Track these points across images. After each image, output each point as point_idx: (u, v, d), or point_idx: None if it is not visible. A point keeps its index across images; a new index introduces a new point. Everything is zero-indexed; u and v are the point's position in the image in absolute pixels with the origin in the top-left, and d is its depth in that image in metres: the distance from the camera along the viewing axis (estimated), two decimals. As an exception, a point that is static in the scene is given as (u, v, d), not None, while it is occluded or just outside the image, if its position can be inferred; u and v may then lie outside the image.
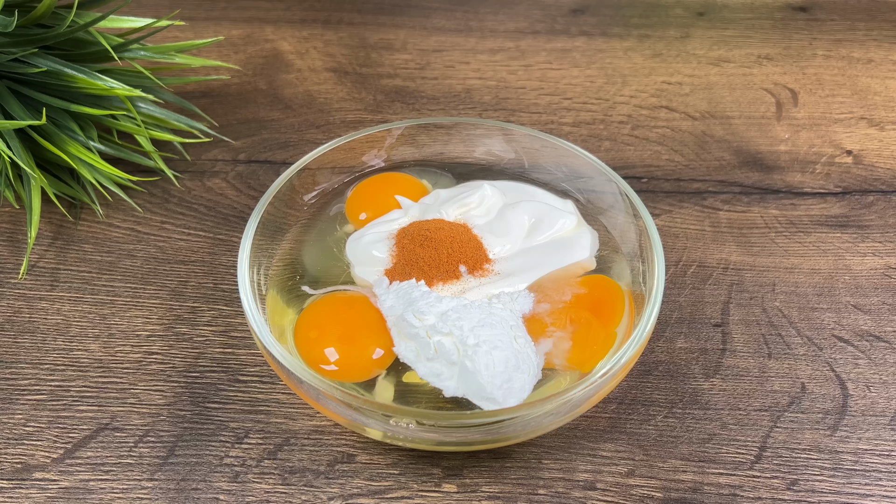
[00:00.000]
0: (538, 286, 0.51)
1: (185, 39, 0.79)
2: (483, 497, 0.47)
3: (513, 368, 0.45)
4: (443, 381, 0.46)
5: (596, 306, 0.50)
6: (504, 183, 0.59)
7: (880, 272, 0.60)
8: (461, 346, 0.46)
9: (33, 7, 0.61)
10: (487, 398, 0.45)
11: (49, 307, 0.57)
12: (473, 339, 0.45)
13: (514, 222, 0.55)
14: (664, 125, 0.72)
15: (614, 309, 0.50)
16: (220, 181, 0.67)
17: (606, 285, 0.52)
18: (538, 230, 0.55)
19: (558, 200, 0.58)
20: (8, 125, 0.56)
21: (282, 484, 0.48)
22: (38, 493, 0.48)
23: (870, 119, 0.73)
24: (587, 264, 0.53)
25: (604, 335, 0.49)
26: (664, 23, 0.85)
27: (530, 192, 0.58)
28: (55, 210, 0.64)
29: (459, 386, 0.46)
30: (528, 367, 0.46)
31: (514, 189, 0.58)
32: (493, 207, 0.56)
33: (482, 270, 0.52)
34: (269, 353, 0.46)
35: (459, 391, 0.46)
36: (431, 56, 0.80)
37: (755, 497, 0.47)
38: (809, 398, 0.52)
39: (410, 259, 0.52)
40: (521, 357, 0.46)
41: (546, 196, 0.58)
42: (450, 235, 0.53)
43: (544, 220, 0.55)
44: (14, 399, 0.52)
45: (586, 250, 0.54)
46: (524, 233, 0.55)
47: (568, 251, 0.54)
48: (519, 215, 0.55)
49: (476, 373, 0.45)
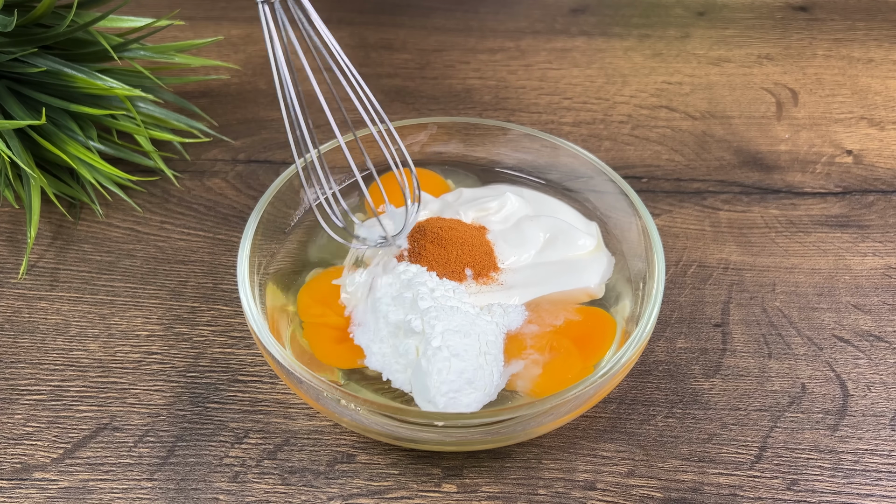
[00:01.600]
0: (535, 305, 0.51)
1: (184, 39, 0.78)
2: (483, 497, 0.47)
3: (465, 381, 0.45)
4: (394, 372, 0.47)
5: (583, 338, 0.50)
6: (532, 193, 0.58)
7: (880, 272, 0.59)
8: (423, 347, 0.46)
9: (33, 7, 0.61)
10: (429, 401, 0.45)
11: (49, 307, 0.57)
12: (439, 341, 0.45)
13: (529, 235, 0.54)
14: (664, 125, 0.72)
15: (601, 344, 0.50)
16: (220, 181, 0.67)
17: (601, 318, 0.51)
18: (552, 247, 0.54)
19: (582, 221, 0.57)
20: (8, 125, 0.56)
21: (281, 484, 0.48)
22: (38, 493, 0.48)
23: (870, 119, 0.73)
24: (594, 291, 0.53)
25: (579, 369, 0.48)
26: (664, 22, 0.85)
27: (555, 206, 0.57)
28: (55, 210, 0.64)
29: (408, 380, 0.46)
30: (482, 385, 0.46)
31: (539, 201, 0.58)
32: (511, 216, 0.56)
33: (487, 278, 0.52)
34: (268, 353, 0.46)
35: (406, 386, 0.47)
36: (431, 56, 0.80)
37: (755, 497, 0.47)
38: (809, 398, 0.52)
39: (420, 252, 0.52)
40: (480, 374, 0.46)
41: (571, 214, 0.57)
42: (462, 236, 0.53)
43: (560, 238, 0.54)
44: (14, 399, 0.52)
45: (596, 277, 0.53)
46: (537, 247, 0.54)
47: (577, 274, 0.53)
48: (535, 229, 0.54)
49: (427, 374, 0.45)
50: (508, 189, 0.57)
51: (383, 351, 0.48)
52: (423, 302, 0.47)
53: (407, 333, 0.47)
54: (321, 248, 0.56)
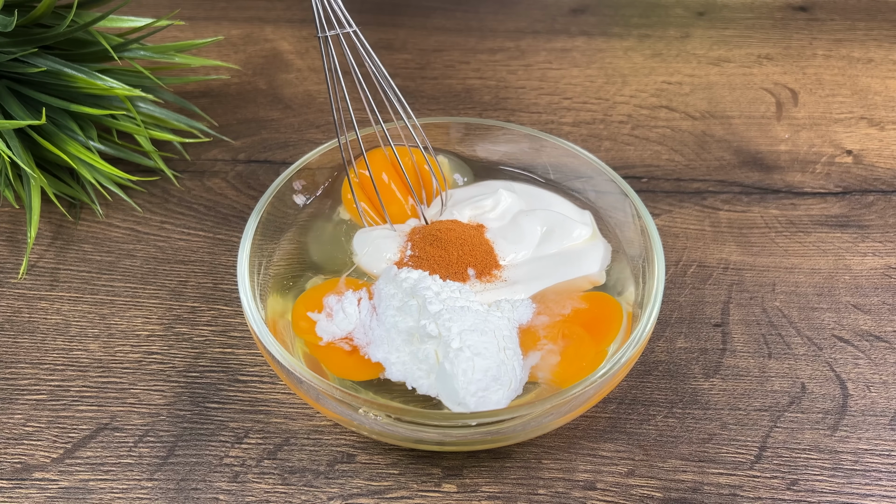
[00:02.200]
0: (541, 297, 0.51)
1: (184, 39, 0.79)
2: (483, 497, 0.47)
3: (491, 378, 0.45)
4: (417, 379, 0.46)
5: (593, 323, 0.50)
6: (522, 186, 0.58)
7: (880, 272, 0.59)
8: (443, 349, 0.45)
9: (33, 7, 0.61)
10: (460, 403, 0.45)
11: (49, 307, 0.57)
12: (458, 342, 0.45)
13: (526, 230, 0.54)
14: (664, 125, 0.72)
15: (610, 327, 0.50)
16: (220, 181, 0.67)
17: (607, 303, 0.51)
18: (549, 240, 0.54)
19: (576, 210, 0.57)
20: (8, 125, 0.56)
21: (281, 484, 0.48)
22: (38, 493, 0.48)
23: (870, 119, 0.73)
24: (596, 278, 0.53)
25: (593, 353, 0.48)
26: (664, 22, 0.85)
27: (548, 199, 0.58)
28: (55, 210, 0.64)
29: (434, 385, 0.46)
30: (508, 381, 0.45)
31: (531, 194, 0.58)
32: (507, 212, 0.56)
33: (490, 276, 0.52)
34: (268, 353, 0.46)
35: (433, 391, 0.46)
36: (431, 56, 0.80)
37: (755, 497, 0.47)
38: (809, 398, 0.52)
39: (421, 256, 0.52)
40: (504, 369, 0.45)
41: (564, 205, 0.57)
42: (461, 237, 0.53)
43: (556, 230, 0.54)
44: (14, 399, 0.52)
45: (596, 264, 0.53)
46: (536, 241, 0.54)
47: (577, 264, 0.53)
48: (532, 223, 0.54)
49: (453, 377, 0.44)
50: (500, 185, 0.58)
51: (402, 360, 0.47)
52: (432, 306, 0.46)
53: (423, 339, 0.46)
54: (322, 247, 0.56)
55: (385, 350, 0.47)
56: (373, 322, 0.49)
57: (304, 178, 0.57)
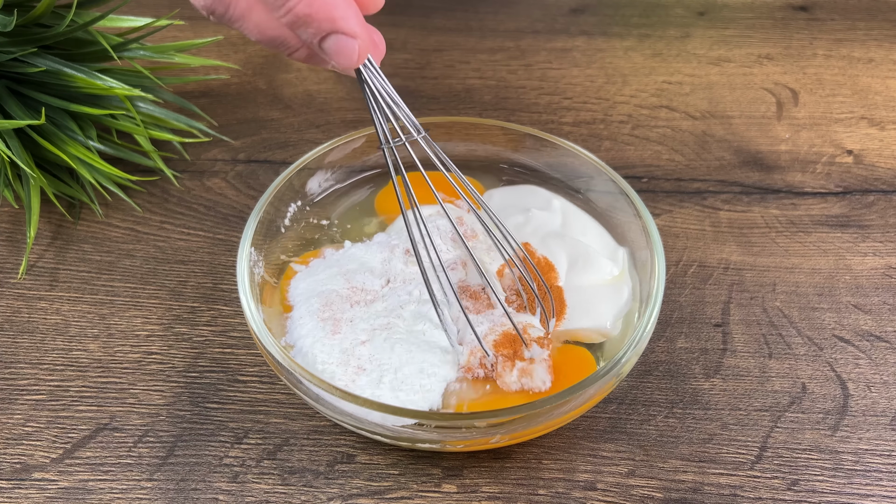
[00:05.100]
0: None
1: (184, 39, 0.79)
2: (483, 497, 0.47)
3: (418, 374, 0.47)
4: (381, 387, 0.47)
5: (556, 368, 0.49)
6: (567, 205, 0.58)
7: (881, 272, 0.59)
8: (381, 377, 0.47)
9: (32, 6, 0.61)
10: (414, 404, 0.47)
11: (48, 307, 0.57)
12: (389, 374, 0.47)
13: (555, 257, 0.53)
14: (664, 125, 0.72)
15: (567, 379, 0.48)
16: (220, 181, 0.67)
17: (579, 363, 0.50)
18: (570, 272, 0.53)
19: (610, 244, 0.56)
20: (7, 125, 0.56)
21: (281, 484, 0.48)
22: (38, 494, 0.47)
23: (870, 119, 0.73)
24: (606, 331, 0.51)
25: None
26: (664, 22, 0.85)
27: (585, 224, 0.57)
28: (54, 210, 0.64)
29: (392, 396, 0.47)
30: (432, 371, 0.47)
31: (569, 214, 0.57)
32: (539, 229, 0.55)
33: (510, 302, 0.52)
34: (268, 353, 0.46)
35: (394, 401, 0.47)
36: (431, 56, 0.80)
37: (755, 497, 0.47)
38: (810, 398, 0.52)
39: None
40: (427, 363, 0.47)
41: (599, 235, 0.56)
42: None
43: (579, 263, 0.53)
44: (13, 399, 0.52)
45: (610, 316, 0.51)
46: (563, 271, 0.53)
47: (590, 312, 0.51)
48: (559, 252, 0.54)
49: (398, 390, 0.47)
50: (554, 197, 0.57)
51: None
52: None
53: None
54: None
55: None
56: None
57: (304, 178, 0.57)
